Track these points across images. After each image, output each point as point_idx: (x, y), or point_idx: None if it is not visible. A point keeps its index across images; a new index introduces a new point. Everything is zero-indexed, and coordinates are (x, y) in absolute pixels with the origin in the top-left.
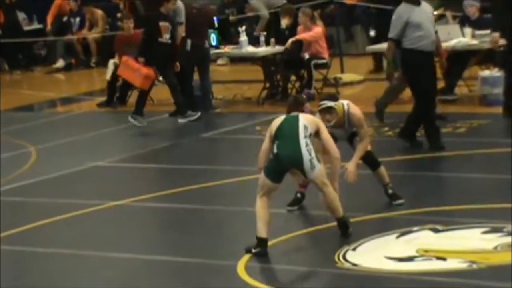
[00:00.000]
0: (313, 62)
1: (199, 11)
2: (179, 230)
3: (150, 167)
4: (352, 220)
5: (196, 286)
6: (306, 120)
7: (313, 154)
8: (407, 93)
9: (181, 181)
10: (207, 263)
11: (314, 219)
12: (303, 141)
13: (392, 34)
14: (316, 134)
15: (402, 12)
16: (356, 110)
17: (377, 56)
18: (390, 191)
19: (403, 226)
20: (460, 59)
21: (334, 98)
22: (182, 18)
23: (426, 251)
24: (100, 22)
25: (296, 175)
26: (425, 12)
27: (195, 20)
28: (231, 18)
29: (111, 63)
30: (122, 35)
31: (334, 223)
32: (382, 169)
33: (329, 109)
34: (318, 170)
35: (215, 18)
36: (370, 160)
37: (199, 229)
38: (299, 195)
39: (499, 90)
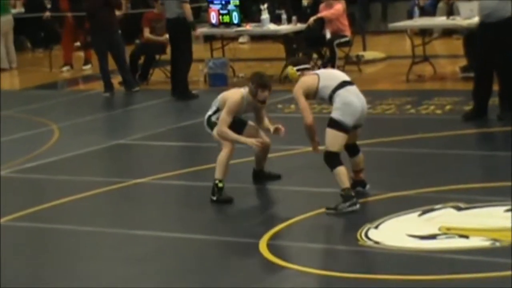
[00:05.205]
0: (336, 42)
1: None
2: (201, 208)
3: (172, 145)
4: (374, 198)
5: (217, 264)
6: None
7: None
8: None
9: (202, 159)
10: (229, 240)
11: (336, 197)
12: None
13: None
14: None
15: None
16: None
17: None
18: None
19: (425, 204)
20: None
21: None
22: None
23: (448, 229)
24: (123, 1)
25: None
26: None
27: None
28: None
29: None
30: (150, 13)
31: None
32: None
33: None
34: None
35: None
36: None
37: (221, 207)
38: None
39: None
